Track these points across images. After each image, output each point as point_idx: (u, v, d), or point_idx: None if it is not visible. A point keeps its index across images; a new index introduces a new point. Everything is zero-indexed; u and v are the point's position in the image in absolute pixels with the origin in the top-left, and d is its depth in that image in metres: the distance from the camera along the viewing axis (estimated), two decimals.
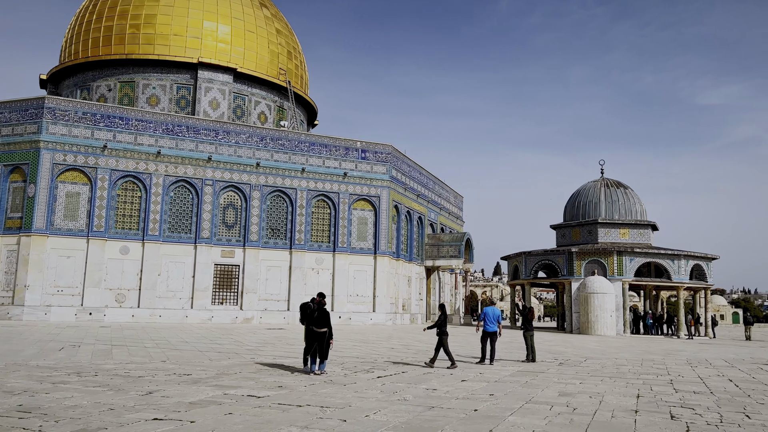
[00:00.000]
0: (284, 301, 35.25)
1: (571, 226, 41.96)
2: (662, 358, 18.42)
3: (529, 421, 7.56)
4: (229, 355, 15.33)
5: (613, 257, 36.85)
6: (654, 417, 8.07)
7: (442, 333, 13.67)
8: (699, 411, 8.67)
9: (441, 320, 13.86)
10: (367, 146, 38.42)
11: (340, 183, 37.28)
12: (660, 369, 14.92)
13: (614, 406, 8.92)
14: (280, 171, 36.06)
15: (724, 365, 16.65)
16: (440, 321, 13.85)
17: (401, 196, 40.46)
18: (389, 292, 37.95)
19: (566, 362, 16.09)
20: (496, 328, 14.91)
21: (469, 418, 7.68)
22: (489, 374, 12.65)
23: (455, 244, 43.96)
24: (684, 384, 11.92)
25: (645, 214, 41.15)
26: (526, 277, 41.33)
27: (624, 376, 13.13)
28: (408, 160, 42.25)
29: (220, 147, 34.95)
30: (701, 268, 38.80)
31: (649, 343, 27.47)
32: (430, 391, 9.93)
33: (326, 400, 8.73)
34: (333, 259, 36.70)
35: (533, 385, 11.12)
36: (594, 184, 42.40)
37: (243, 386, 9.82)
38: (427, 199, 45.48)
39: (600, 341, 27.93)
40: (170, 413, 7.40)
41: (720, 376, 13.54)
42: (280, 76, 44.62)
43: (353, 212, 37.63)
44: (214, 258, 34.26)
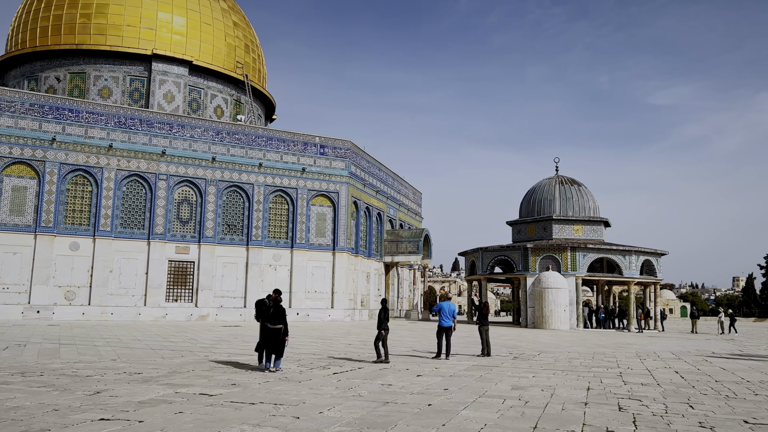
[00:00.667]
0: (241, 298, 34.82)
1: (527, 223, 42.67)
2: (613, 352, 18.91)
3: (481, 414, 7.65)
4: (182, 353, 15.05)
5: (567, 253, 37.65)
6: (603, 409, 8.27)
7: (381, 328, 13.63)
8: (646, 402, 8.92)
9: (381, 315, 13.78)
10: (326, 142, 38.22)
11: (298, 178, 36.99)
12: (610, 362, 15.31)
13: (565, 398, 9.10)
14: (237, 166, 35.56)
15: (671, 357, 17.20)
16: (381, 316, 13.77)
17: (360, 192, 40.42)
18: (348, 289, 37.89)
19: (520, 356, 16.36)
20: (452, 323, 15.03)
21: (423, 412, 7.72)
22: (444, 369, 12.75)
23: (414, 240, 44.19)
24: (632, 376, 12.26)
25: (598, 210, 42.15)
26: (483, 272, 41.85)
27: (576, 369, 13.42)
28: (367, 156, 42.22)
29: (174, 141, 34.23)
30: (651, 263, 40.00)
31: (601, 337, 28.18)
32: (386, 386, 9.94)
33: (280, 397, 8.65)
34: (291, 255, 36.42)
35: (487, 379, 11.26)
36: (549, 181, 43.19)
37: (195, 384, 9.64)
38: (386, 195, 45.56)
39: (554, 335, 28.51)
40: (118, 413, 7.21)
41: (667, 368, 13.98)
42: (237, 70, 43.96)
43: (312, 208, 37.40)
44: (169, 254, 33.57)
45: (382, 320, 13.67)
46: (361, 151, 40.92)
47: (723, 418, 7.80)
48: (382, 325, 13.61)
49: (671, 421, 7.52)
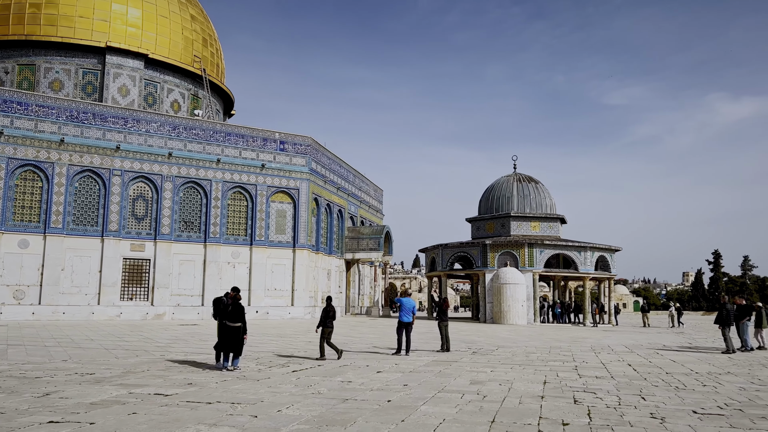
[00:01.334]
0: (198, 297, 34.24)
1: (486, 220, 43.18)
2: (569, 346, 19.30)
3: (440, 409, 7.70)
4: (137, 352, 14.70)
5: (525, 249, 38.25)
6: (559, 402, 8.42)
7: (325, 326, 13.59)
8: (600, 395, 9.13)
9: (329, 313, 13.71)
10: (286, 138, 37.87)
11: (257, 175, 36.55)
12: (566, 356, 15.62)
13: (522, 392, 9.24)
14: (194, 161, 34.91)
15: (624, 351, 17.66)
16: (327, 314, 13.70)
17: (321, 189, 40.20)
18: (308, 286, 37.67)
19: (479, 351, 16.54)
20: (412, 318, 15.09)
21: (382, 409, 7.72)
22: (404, 365, 12.79)
23: (375, 237, 44.22)
24: (587, 370, 12.53)
25: (554, 208, 42.96)
26: (443, 268, 42.19)
27: (533, 363, 13.65)
28: (328, 152, 42.01)
29: (129, 136, 33.39)
30: (605, 259, 40.98)
31: (557, 332, 28.74)
32: (345, 383, 9.92)
33: (238, 396, 8.54)
34: (250, 252, 35.98)
35: (446, 374, 11.34)
36: (507, 178, 43.79)
37: (150, 384, 9.43)
38: (347, 192, 45.44)
39: (512, 330, 28.94)
40: (68, 415, 6.99)
41: (620, 362, 14.34)
42: (194, 64, 43.14)
43: (272, 205, 37.02)
44: (123, 252, 32.76)
45: (326, 318, 13.59)
46: (321, 147, 40.70)
47: (673, 408, 8.04)
48: (327, 323, 13.55)
49: (624, 412, 7.71)
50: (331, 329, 13.67)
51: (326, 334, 13.58)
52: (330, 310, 13.85)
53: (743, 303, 18.36)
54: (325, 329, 13.59)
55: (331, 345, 13.62)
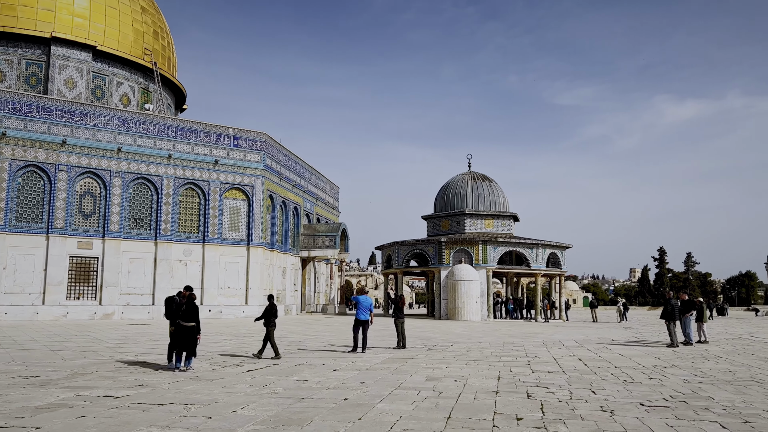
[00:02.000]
0: (149, 296, 33.44)
1: (441, 217, 43.57)
2: (521, 341, 19.66)
3: (397, 407, 7.72)
4: (85, 353, 14.25)
5: (479, 246, 38.77)
6: (512, 397, 8.57)
7: (269, 324, 13.47)
8: (552, 389, 9.33)
9: (268, 311, 13.60)
10: (240, 133, 37.32)
11: (210, 171, 35.91)
12: (519, 351, 15.91)
13: (477, 388, 9.36)
14: (145, 157, 34.04)
15: (575, 345, 18.10)
16: (267, 312, 13.58)
17: (276, 186, 39.79)
18: (263, 284, 37.26)
19: (434, 348, 16.68)
20: (368, 316, 15.09)
21: (339, 407, 7.70)
22: (360, 362, 12.79)
23: (331, 235, 44.05)
24: (540, 364, 12.79)
25: (507, 206, 43.67)
26: (399, 266, 42.37)
27: (487, 359, 13.84)
28: (283, 149, 41.60)
29: (76, 130, 32.31)
30: (556, 256, 41.91)
31: (510, 327, 29.23)
32: (301, 382, 9.85)
33: (191, 397, 8.37)
34: (203, 250, 35.35)
35: (403, 371, 11.40)
36: (462, 177, 44.28)
37: (99, 386, 9.15)
38: (303, 189, 45.11)
39: (466, 326, 29.29)
40: (12, 420, 6.71)
41: (571, 356, 14.69)
42: (145, 57, 42.04)
43: (225, 202, 36.43)
44: (70, 250, 31.71)
45: (269, 316, 13.45)
46: (276, 143, 40.27)
47: (622, 401, 8.29)
48: (270, 321, 13.41)
49: (575, 406, 7.90)
50: (274, 327, 13.51)
51: (270, 333, 13.40)
52: (273, 308, 13.70)
53: (686, 298, 19.08)
54: (269, 328, 13.40)
55: (273, 344, 13.41)
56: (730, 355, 15.39)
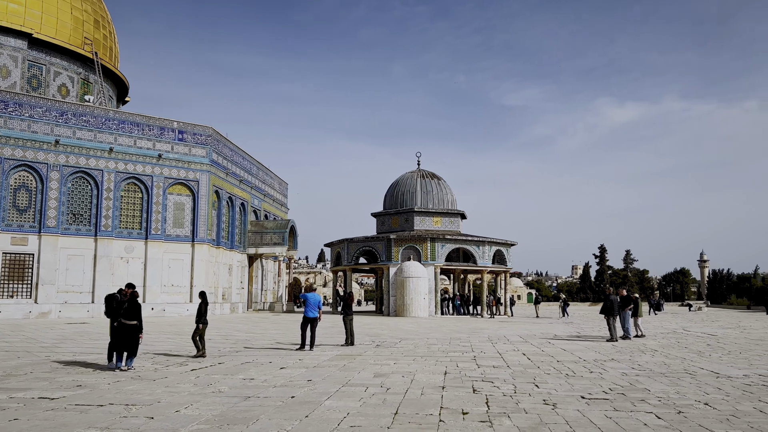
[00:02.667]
0: (88, 293, 32.28)
1: (390, 215, 43.75)
2: (468, 337, 19.96)
3: (344, 404, 7.71)
4: (18, 353, 13.64)
5: (427, 243, 39.14)
6: (459, 392, 8.68)
7: (200, 322, 13.28)
8: (497, 384, 9.51)
9: (202, 309, 13.37)
10: (185, 127, 36.42)
11: (154, 165, 34.92)
12: (465, 347, 16.14)
13: (424, 383, 9.45)
14: (84, 150, 32.82)
15: (519, 341, 18.51)
16: (201, 310, 13.38)
17: (222, 181, 39.06)
18: (208, 282, 36.53)
19: (382, 344, 16.74)
20: (317, 314, 15.01)
21: (286, 405, 7.63)
22: (308, 360, 12.71)
23: (279, 232, 43.58)
24: (485, 360, 13.01)
25: (455, 203, 44.24)
26: (348, 263, 42.32)
27: (434, 354, 13.99)
28: (230, 143, 40.86)
29: (10, 121, 30.83)
30: (502, 253, 42.74)
31: (457, 323, 29.64)
32: (247, 380, 9.71)
33: (132, 397, 8.13)
34: (145, 247, 34.35)
35: (351, 368, 11.39)
36: (411, 174, 44.58)
37: (34, 388, 8.78)
38: (250, 184, 44.44)
39: (414, 323, 29.53)
40: None
41: (515, 351, 15.01)
42: (84, 46, 40.50)
43: (169, 197, 35.50)
44: (3, 246, 30.28)
45: (202, 314, 13.20)
46: (223, 138, 39.52)
47: (564, 395, 8.52)
48: (201, 318, 13.16)
49: (519, 400, 8.07)
50: (206, 325, 13.25)
51: (201, 331, 13.11)
52: (207, 304, 13.45)
53: (625, 294, 19.78)
54: (200, 325, 13.13)
55: (197, 341, 13.13)
56: (665, 348, 16.04)
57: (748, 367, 11.78)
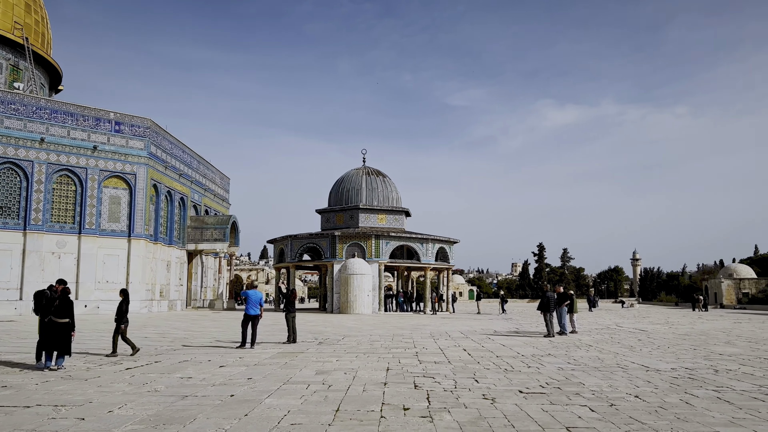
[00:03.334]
0: (16, 290, 30.77)
1: (335, 211, 43.61)
2: (410, 333, 20.11)
3: (285, 401, 7.62)
4: None
5: (372, 240, 39.23)
6: (400, 388, 8.73)
7: (121, 321, 12.91)
8: (438, 379, 9.61)
9: (123, 308, 12.99)
10: (123, 118, 35.18)
11: (88, 157, 33.58)
12: (408, 343, 16.26)
13: (366, 380, 9.45)
14: (13, 140, 31.23)
15: (460, 337, 18.78)
16: (121, 308, 13.00)
17: (161, 175, 37.96)
18: (145, 278, 35.46)
19: (325, 341, 16.66)
20: (258, 311, 14.80)
21: (224, 404, 7.47)
22: (249, 358, 12.51)
23: (220, 227, 42.72)
24: (427, 355, 13.14)
25: (400, 201, 44.51)
26: (292, 260, 41.94)
27: (377, 351, 14.03)
28: (170, 136, 39.74)
29: None
30: (445, 250, 43.30)
31: (400, 320, 29.83)
32: (185, 379, 9.47)
33: (62, 398, 7.79)
34: (78, 242, 33.02)
35: (292, 365, 11.28)
36: (357, 171, 44.56)
37: None
38: (190, 179, 43.37)
39: (357, 319, 29.55)
40: None
41: (456, 347, 15.23)
42: (14, 31, 38.54)
43: (104, 190, 34.23)
44: None
45: (123, 313, 12.79)
46: (162, 130, 38.40)
47: (502, 389, 8.69)
48: (123, 318, 12.75)
49: (460, 395, 8.19)
50: (126, 324, 12.84)
51: (121, 329, 12.70)
52: (128, 303, 13.03)
53: (561, 291, 20.38)
54: (122, 325, 12.71)
55: (124, 340, 12.73)
56: (599, 343, 16.62)
57: (675, 361, 12.34)
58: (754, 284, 69.16)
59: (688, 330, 23.00)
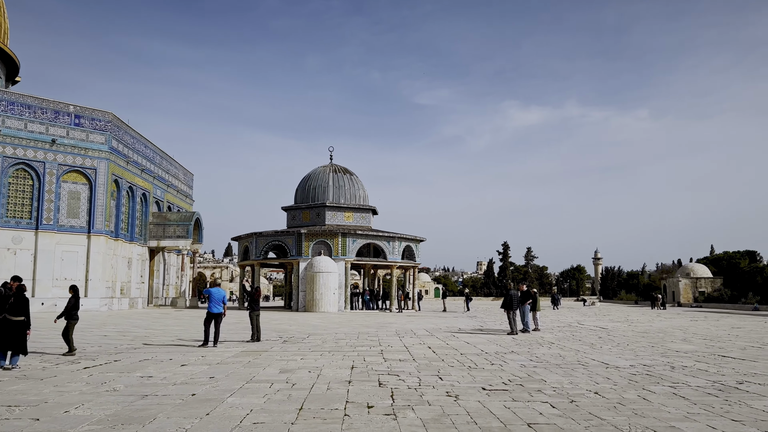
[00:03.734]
0: None
1: (302, 209, 43.36)
2: (376, 331, 20.13)
3: (248, 400, 7.54)
4: None
5: (338, 238, 39.12)
6: (365, 386, 8.72)
7: (71, 317, 12.63)
8: (403, 377, 9.63)
9: (71, 304, 12.73)
10: (83, 111, 34.32)
11: (46, 151, 32.66)
12: (373, 341, 16.27)
13: (331, 378, 9.42)
14: None
15: (425, 334, 18.88)
16: (70, 305, 12.76)
17: (123, 170, 37.16)
18: (105, 275, 34.69)
19: (290, 339, 16.55)
20: (221, 309, 14.62)
21: (185, 403, 7.35)
22: (211, 357, 12.35)
23: (183, 224, 42.05)
24: (392, 353, 13.16)
25: (367, 199, 44.50)
26: (257, 257, 41.54)
27: (342, 349, 13.99)
28: (132, 131, 38.93)
29: None
30: (411, 249, 43.46)
31: (366, 318, 29.83)
32: (145, 378, 9.28)
33: (16, 398, 7.55)
34: (35, 237, 32.11)
35: (256, 364, 11.17)
36: (324, 169, 44.38)
37: None
38: (153, 174, 42.57)
39: (323, 318, 29.44)
40: None
41: (421, 345, 15.30)
42: None
43: (63, 185, 33.34)
44: None
45: (71, 309, 12.50)
46: (124, 125, 37.59)
47: (466, 386, 8.76)
48: (72, 314, 12.48)
49: (424, 392, 8.22)
50: (76, 321, 12.56)
51: (70, 327, 12.39)
52: (78, 299, 12.73)
53: (525, 289, 20.66)
54: (71, 321, 12.42)
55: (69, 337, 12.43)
56: (561, 341, 16.90)
57: (634, 358, 12.63)
58: (710, 283, 71.33)
59: (646, 328, 23.57)
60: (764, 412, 7.05)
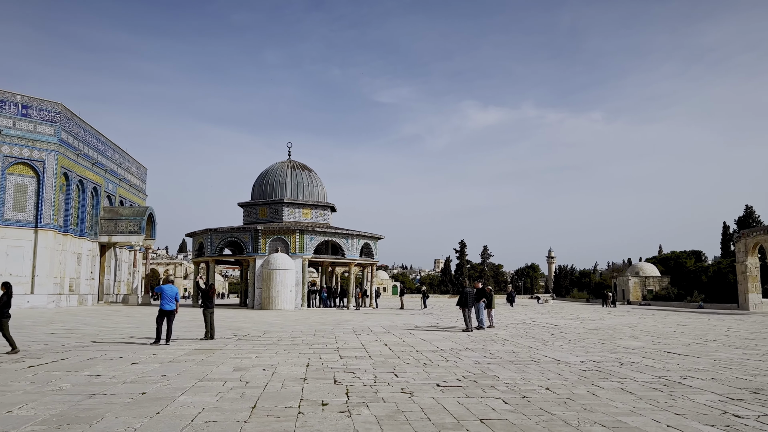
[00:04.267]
0: None
1: (259, 205, 42.86)
2: (332, 328, 20.08)
3: (200, 399, 7.42)
4: None
5: (296, 235, 38.84)
6: (320, 383, 8.69)
7: (2, 315, 12.27)
8: (358, 374, 9.64)
9: (3, 302, 12.34)
10: (31, 102, 33.12)
11: None
12: (330, 338, 16.22)
13: (285, 376, 9.35)
14: None
15: (382, 332, 18.93)
16: (1, 303, 12.32)
17: (72, 163, 36.02)
18: (53, 271, 33.59)
19: (245, 337, 16.36)
20: (174, 306, 14.33)
21: (135, 402, 7.19)
22: (163, 355, 12.10)
23: (136, 219, 41.05)
24: (348, 351, 13.16)
25: (326, 196, 44.29)
26: (212, 254, 40.88)
27: (297, 347, 13.91)
28: (83, 123, 37.76)
29: None
30: (369, 246, 43.48)
31: (323, 315, 29.73)
32: (93, 377, 9.03)
33: None
34: None
35: (209, 362, 11.00)
36: (282, 165, 43.96)
37: None
38: (104, 168, 41.40)
39: (279, 315, 29.19)
40: None
41: (378, 342, 15.34)
42: None
43: (9, 177, 32.10)
44: None
45: (2, 307, 12.10)
46: (75, 116, 36.43)
47: (421, 383, 8.83)
48: (4, 312, 12.08)
49: (379, 389, 8.24)
50: (8, 318, 12.15)
51: (4, 324, 11.99)
52: (10, 296, 12.30)
53: (480, 287, 20.93)
54: (3, 319, 12.01)
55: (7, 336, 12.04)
56: (514, 338, 17.20)
57: (584, 354, 12.95)
58: (658, 282, 73.69)
59: (597, 325, 24.20)
60: (706, 405, 7.33)
